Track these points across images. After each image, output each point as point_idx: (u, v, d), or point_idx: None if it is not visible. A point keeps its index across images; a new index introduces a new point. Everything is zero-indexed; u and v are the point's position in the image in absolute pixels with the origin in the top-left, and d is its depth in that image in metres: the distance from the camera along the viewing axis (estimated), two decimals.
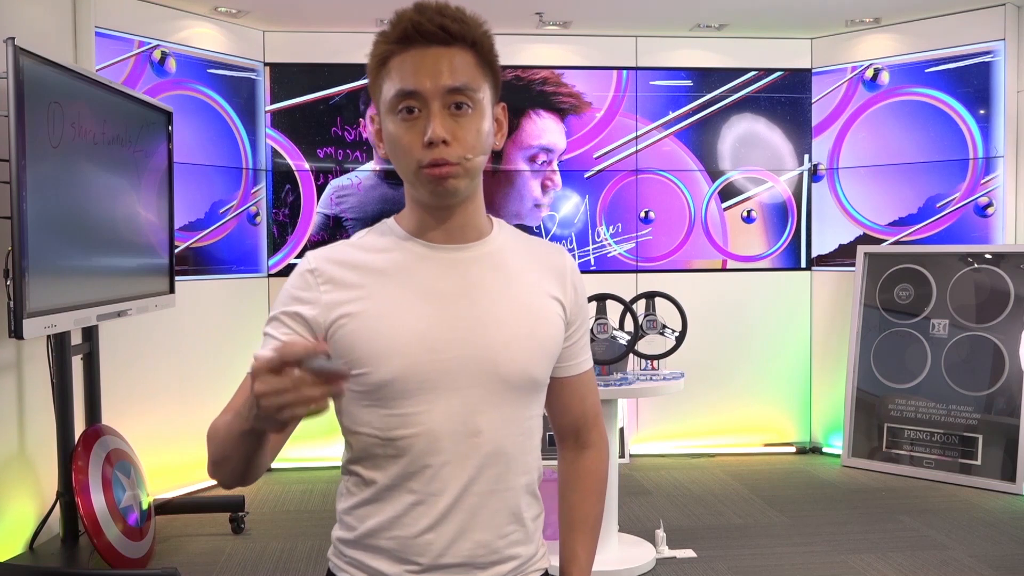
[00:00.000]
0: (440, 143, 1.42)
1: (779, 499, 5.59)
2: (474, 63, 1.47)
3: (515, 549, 1.54)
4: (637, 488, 5.82)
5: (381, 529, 1.49)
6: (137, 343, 5.41)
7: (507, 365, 1.49)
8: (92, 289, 4.28)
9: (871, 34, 6.49)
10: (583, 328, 1.66)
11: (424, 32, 1.43)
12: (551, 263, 1.61)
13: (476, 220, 1.55)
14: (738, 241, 6.80)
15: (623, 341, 4.48)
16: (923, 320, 6.15)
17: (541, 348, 1.54)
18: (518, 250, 1.59)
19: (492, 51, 1.50)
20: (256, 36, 6.32)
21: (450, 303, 1.49)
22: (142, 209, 4.85)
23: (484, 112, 1.48)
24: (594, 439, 1.72)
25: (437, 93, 1.43)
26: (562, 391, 1.67)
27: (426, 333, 1.46)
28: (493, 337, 1.49)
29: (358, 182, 6.47)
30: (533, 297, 1.56)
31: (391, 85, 1.48)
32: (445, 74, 1.43)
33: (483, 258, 1.54)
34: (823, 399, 6.80)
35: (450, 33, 1.44)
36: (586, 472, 1.71)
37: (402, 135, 1.47)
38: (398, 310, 1.47)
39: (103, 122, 4.36)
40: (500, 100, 1.57)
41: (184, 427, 5.63)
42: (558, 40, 6.56)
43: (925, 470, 6.00)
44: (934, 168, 6.27)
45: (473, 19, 1.48)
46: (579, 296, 1.64)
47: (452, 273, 1.51)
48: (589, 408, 1.71)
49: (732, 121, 6.76)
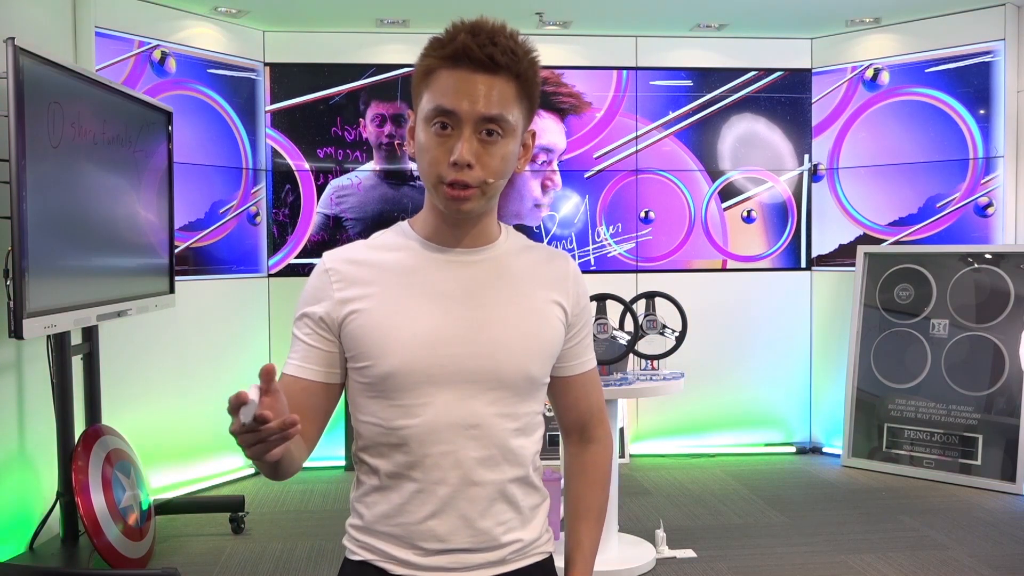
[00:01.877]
0: (465, 167, 1.50)
1: (779, 499, 5.59)
2: (514, 94, 1.53)
3: (514, 534, 1.62)
4: (637, 488, 5.82)
5: (387, 516, 1.59)
6: (137, 343, 5.41)
7: (505, 363, 1.58)
8: (92, 289, 4.28)
9: (871, 34, 6.49)
10: (585, 329, 1.75)
11: (473, 58, 1.49)
12: (554, 268, 1.70)
13: (487, 229, 1.64)
14: (738, 241, 6.80)
15: (623, 341, 4.48)
16: (923, 320, 6.15)
17: (539, 349, 1.63)
18: (523, 256, 1.68)
19: (534, 82, 1.57)
20: (256, 36, 6.32)
21: (454, 304, 1.58)
22: (142, 209, 4.85)
23: (513, 139, 1.55)
24: (599, 434, 1.81)
25: (472, 118, 1.49)
26: (567, 389, 1.75)
27: (428, 331, 1.55)
28: (491, 337, 1.58)
29: (358, 182, 6.46)
30: (534, 300, 1.64)
31: (431, 98, 1.52)
32: (483, 102, 1.49)
33: (489, 263, 1.63)
34: (823, 399, 6.80)
35: (497, 64, 1.50)
36: (591, 465, 1.79)
37: (432, 148, 1.52)
38: (404, 308, 1.56)
39: (103, 122, 4.36)
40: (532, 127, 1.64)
41: (184, 427, 5.63)
42: (558, 40, 6.56)
43: (925, 470, 5.99)
44: (934, 168, 6.27)
45: (523, 49, 1.55)
46: (581, 299, 1.72)
47: (458, 276, 1.60)
48: (594, 404, 1.79)
49: (732, 121, 6.76)
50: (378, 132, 6.48)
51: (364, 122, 6.46)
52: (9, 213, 3.60)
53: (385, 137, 6.48)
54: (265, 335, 6.40)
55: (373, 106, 6.47)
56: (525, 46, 1.56)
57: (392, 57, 6.44)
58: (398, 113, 6.48)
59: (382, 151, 6.49)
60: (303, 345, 1.60)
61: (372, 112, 6.47)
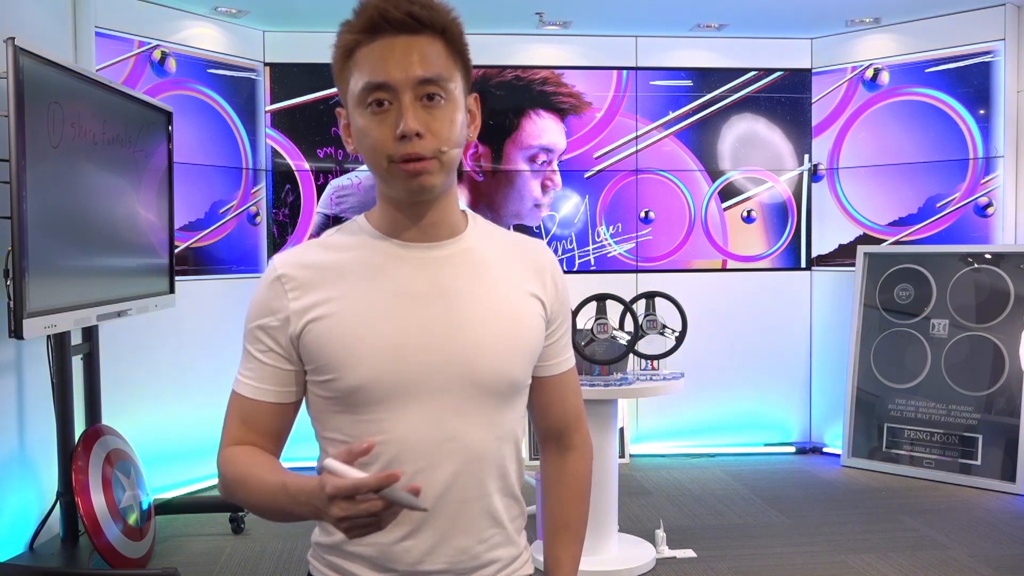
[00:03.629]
0: (413, 136, 1.36)
1: (779, 499, 5.59)
2: (445, 52, 1.41)
3: (496, 552, 1.51)
4: (637, 488, 5.82)
5: None
6: (137, 343, 5.41)
7: (483, 369, 1.45)
8: (92, 289, 4.28)
9: (871, 34, 6.49)
10: (564, 326, 1.62)
11: (391, 20, 1.37)
12: (530, 259, 1.56)
13: (450, 217, 1.50)
14: (738, 241, 6.80)
15: (623, 341, 4.49)
16: (923, 320, 6.15)
17: (520, 349, 1.50)
18: (495, 247, 1.54)
19: (462, 39, 1.44)
20: (256, 36, 6.32)
21: (422, 305, 1.44)
22: (142, 209, 4.85)
23: (458, 103, 1.42)
24: (576, 441, 1.68)
25: (408, 84, 1.37)
26: (543, 391, 1.62)
27: (395, 338, 1.42)
28: (468, 340, 1.44)
29: (358, 182, 6.47)
30: (511, 296, 1.51)
31: (359, 77, 1.39)
32: (416, 64, 1.37)
33: (457, 256, 1.49)
34: (823, 399, 6.80)
35: (418, 20, 1.38)
36: (569, 475, 1.67)
37: (372, 129, 1.39)
38: (367, 314, 1.43)
39: (103, 122, 4.37)
40: (474, 91, 1.52)
41: (184, 427, 5.63)
42: (558, 40, 6.56)
43: (925, 470, 6.00)
44: (934, 168, 6.27)
45: (441, 5, 1.42)
46: (560, 293, 1.59)
47: (425, 273, 1.46)
48: (571, 409, 1.66)
49: (732, 121, 6.76)
50: None
51: None
52: (9, 213, 3.61)
53: None
54: None
55: None
56: (444, 3, 1.42)
57: None
58: None
59: None
60: (257, 363, 1.48)
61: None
